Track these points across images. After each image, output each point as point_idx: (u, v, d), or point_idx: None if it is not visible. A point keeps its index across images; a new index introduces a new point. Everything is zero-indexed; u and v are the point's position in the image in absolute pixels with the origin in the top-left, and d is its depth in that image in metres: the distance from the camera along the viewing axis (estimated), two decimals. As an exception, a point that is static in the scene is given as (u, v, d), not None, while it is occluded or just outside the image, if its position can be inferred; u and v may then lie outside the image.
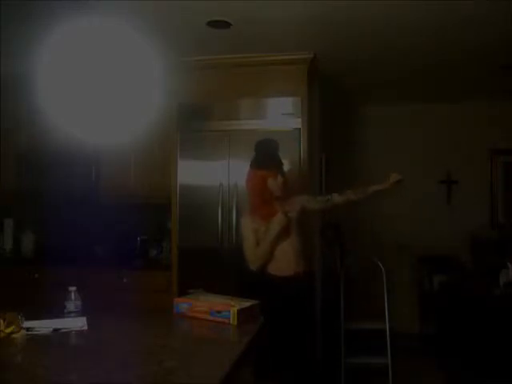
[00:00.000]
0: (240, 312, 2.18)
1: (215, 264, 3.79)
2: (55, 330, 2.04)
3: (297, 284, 2.90)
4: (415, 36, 3.52)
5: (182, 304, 2.37)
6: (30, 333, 1.99)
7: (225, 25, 3.28)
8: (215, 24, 3.27)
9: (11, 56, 3.75)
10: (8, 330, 1.94)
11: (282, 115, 3.78)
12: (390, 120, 5.69)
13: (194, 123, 3.93)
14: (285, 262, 2.88)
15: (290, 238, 2.91)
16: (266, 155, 2.88)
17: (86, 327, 2.10)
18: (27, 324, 2.02)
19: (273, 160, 2.86)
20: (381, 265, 4.04)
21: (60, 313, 2.21)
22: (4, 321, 1.94)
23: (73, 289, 2.27)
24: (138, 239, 4.43)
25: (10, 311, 2.00)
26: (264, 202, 2.87)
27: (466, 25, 3.27)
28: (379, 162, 5.68)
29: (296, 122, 3.75)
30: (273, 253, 2.88)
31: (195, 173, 3.91)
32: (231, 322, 2.17)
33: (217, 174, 3.84)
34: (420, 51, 3.86)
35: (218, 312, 2.22)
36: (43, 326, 2.04)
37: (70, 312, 2.22)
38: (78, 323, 2.11)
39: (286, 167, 2.97)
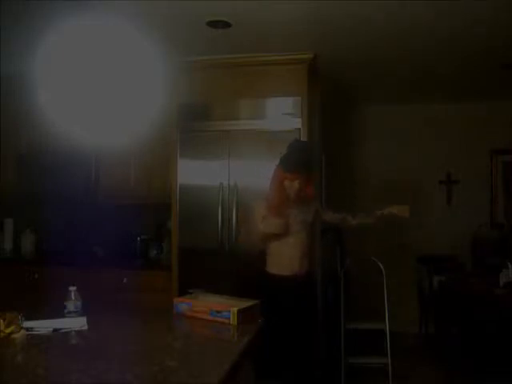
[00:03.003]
0: (240, 312, 2.18)
1: (215, 264, 3.79)
2: (55, 330, 2.04)
3: (300, 284, 2.91)
4: (415, 36, 3.52)
5: (182, 304, 2.38)
6: (30, 333, 1.99)
7: (225, 25, 3.28)
8: (215, 24, 3.27)
9: (11, 56, 3.75)
10: (8, 330, 1.94)
11: (282, 115, 3.78)
12: (389, 120, 5.69)
13: (194, 123, 3.93)
14: (289, 261, 2.91)
15: (297, 239, 2.93)
16: (293, 157, 2.88)
17: (86, 327, 2.10)
18: (27, 324, 2.02)
19: (298, 163, 2.85)
20: (381, 265, 4.04)
21: (60, 313, 2.21)
22: (4, 321, 1.94)
23: (73, 289, 2.27)
24: (138, 239, 4.43)
25: (9, 311, 2.00)
26: (278, 198, 2.89)
27: (466, 25, 3.27)
28: (379, 162, 5.69)
29: (296, 122, 3.74)
30: (276, 252, 2.94)
31: (195, 173, 3.91)
32: (231, 322, 2.17)
33: (217, 173, 3.84)
34: (420, 51, 3.86)
35: (218, 312, 2.22)
36: (43, 326, 2.04)
37: (70, 312, 2.22)
38: (78, 323, 2.11)
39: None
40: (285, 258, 2.91)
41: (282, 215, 2.86)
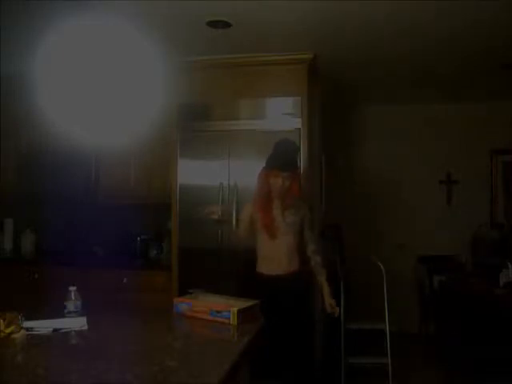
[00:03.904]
0: (240, 312, 2.18)
1: (215, 264, 3.79)
2: (55, 330, 2.04)
3: (290, 283, 2.91)
4: (415, 36, 3.51)
5: (182, 304, 2.38)
6: (30, 333, 1.99)
7: (225, 25, 3.28)
8: (215, 24, 3.27)
9: (11, 56, 3.75)
10: (8, 330, 1.94)
11: (282, 115, 3.78)
12: (389, 120, 5.69)
13: (194, 123, 3.93)
14: (275, 261, 2.92)
15: (284, 240, 2.93)
16: (277, 156, 2.92)
17: (86, 327, 2.10)
18: (27, 324, 2.02)
19: (281, 161, 2.88)
20: (381, 265, 4.04)
21: (60, 313, 2.21)
22: (4, 321, 1.94)
23: (73, 289, 2.27)
24: (138, 239, 4.43)
25: (9, 311, 2.00)
26: (263, 195, 2.94)
27: (466, 25, 3.27)
28: (379, 162, 5.69)
29: (296, 122, 3.74)
30: (264, 252, 2.98)
31: (195, 173, 3.91)
32: (231, 322, 2.17)
33: (217, 173, 3.84)
34: (420, 51, 3.86)
35: (218, 312, 2.22)
36: (43, 326, 2.04)
37: (70, 312, 2.22)
38: (78, 323, 2.11)
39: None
40: (271, 258, 2.94)
41: (269, 212, 2.91)
